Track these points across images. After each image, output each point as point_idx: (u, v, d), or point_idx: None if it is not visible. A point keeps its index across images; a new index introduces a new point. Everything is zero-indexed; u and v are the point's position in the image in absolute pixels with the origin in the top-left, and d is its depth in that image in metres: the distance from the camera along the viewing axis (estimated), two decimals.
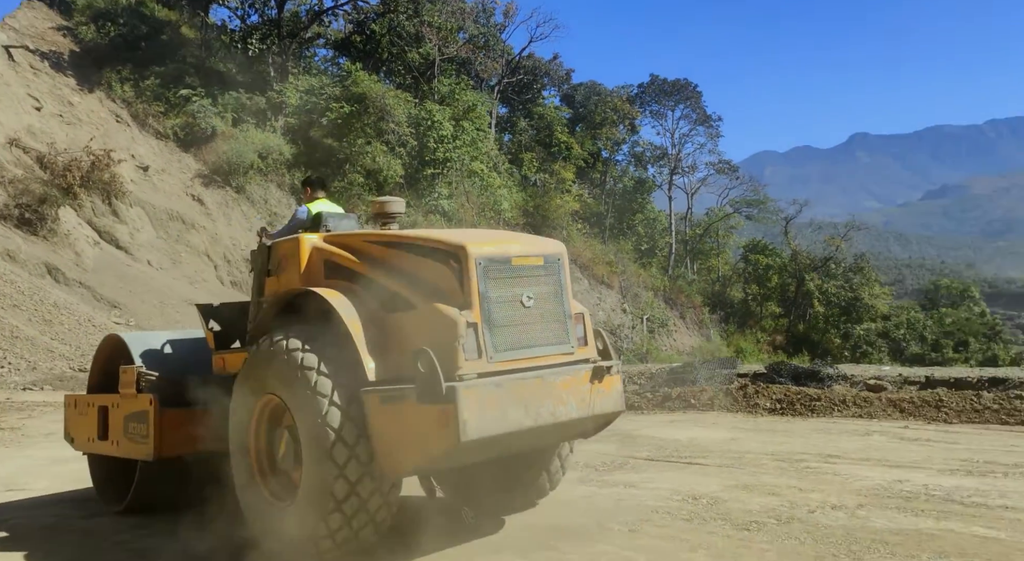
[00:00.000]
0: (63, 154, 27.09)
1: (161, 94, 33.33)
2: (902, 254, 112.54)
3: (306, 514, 4.37)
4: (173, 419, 5.50)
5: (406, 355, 4.34)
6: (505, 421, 4.25)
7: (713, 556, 4.61)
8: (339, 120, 34.17)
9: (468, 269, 4.44)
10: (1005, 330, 48.59)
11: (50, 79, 31.06)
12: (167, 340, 6.25)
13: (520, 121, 44.17)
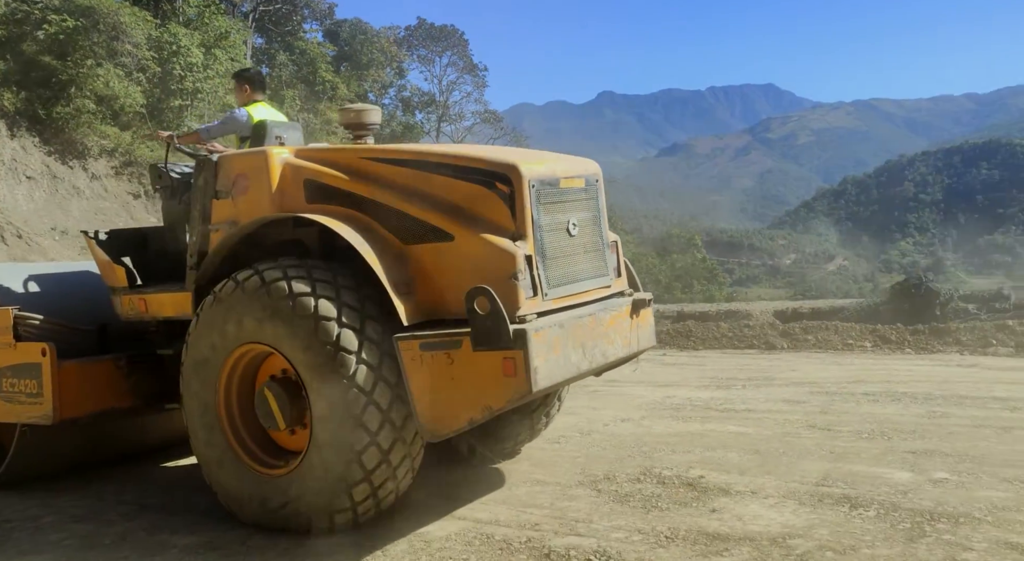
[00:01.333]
0: None
1: None
2: (641, 206, 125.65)
3: (320, 485, 3.82)
4: (76, 373, 4.67)
5: (439, 293, 3.85)
6: (567, 365, 3.84)
7: (534, 464, 5.43)
8: (61, 35, 29.70)
9: (521, 193, 3.87)
10: (720, 273, 57.00)
11: None
12: (29, 275, 5.25)
13: (279, 55, 41.59)
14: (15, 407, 4.76)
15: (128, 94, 31.53)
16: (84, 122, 31.47)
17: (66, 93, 31.32)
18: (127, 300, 4.79)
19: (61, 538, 3.84)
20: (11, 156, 31.41)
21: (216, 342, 4.12)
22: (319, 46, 43.14)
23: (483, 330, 3.55)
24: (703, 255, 51.64)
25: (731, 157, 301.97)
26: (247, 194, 4.38)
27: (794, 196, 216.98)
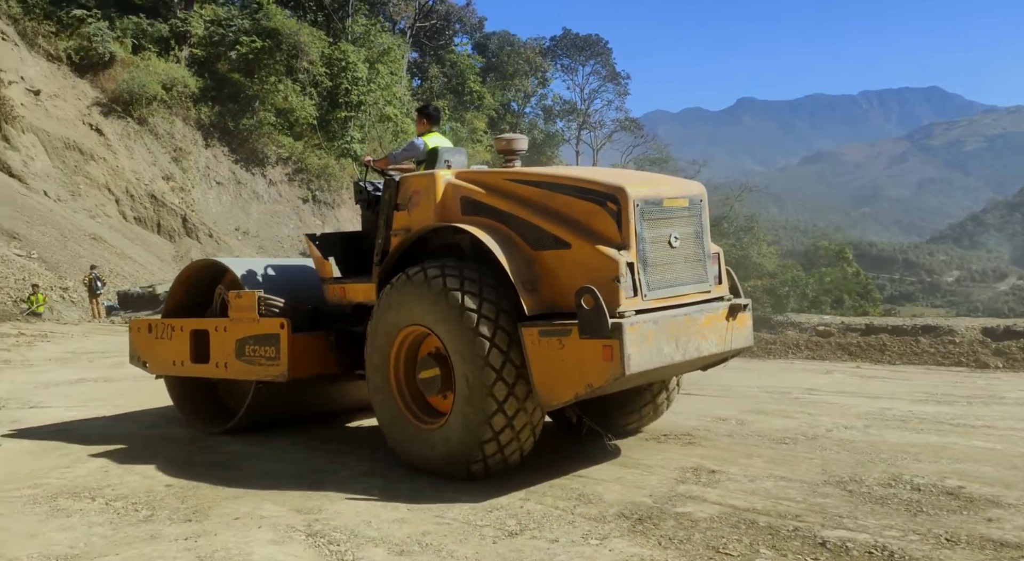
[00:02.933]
0: None
1: (52, 13, 31.24)
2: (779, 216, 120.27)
3: (460, 440, 4.71)
4: (302, 343, 5.68)
5: (558, 290, 4.60)
6: (660, 355, 4.53)
7: (768, 461, 5.21)
8: (250, 55, 33.26)
9: (626, 210, 4.58)
10: (873, 289, 53.61)
11: None
12: (267, 267, 6.41)
13: (432, 67, 44.14)
14: (254, 368, 5.80)
15: (303, 107, 34.78)
16: (265, 133, 35.04)
17: (251, 107, 35.03)
18: (333, 288, 5.79)
19: (279, 467, 5.16)
20: (205, 164, 35.51)
21: (390, 323, 5.06)
22: (468, 58, 45.43)
23: (587, 321, 4.30)
24: (856, 268, 49.01)
25: (884, 166, 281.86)
26: (419, 207, 5.28)
27: (958, 208, 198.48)
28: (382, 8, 40.54)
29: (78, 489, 4.88)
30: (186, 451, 5.79)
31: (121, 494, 4.77)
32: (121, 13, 32.22)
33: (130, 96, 31.02)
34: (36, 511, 4.47)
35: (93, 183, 29.40)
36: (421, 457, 4.97)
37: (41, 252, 23.47)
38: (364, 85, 35.77)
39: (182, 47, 33.73)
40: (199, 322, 6.38)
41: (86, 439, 6.18)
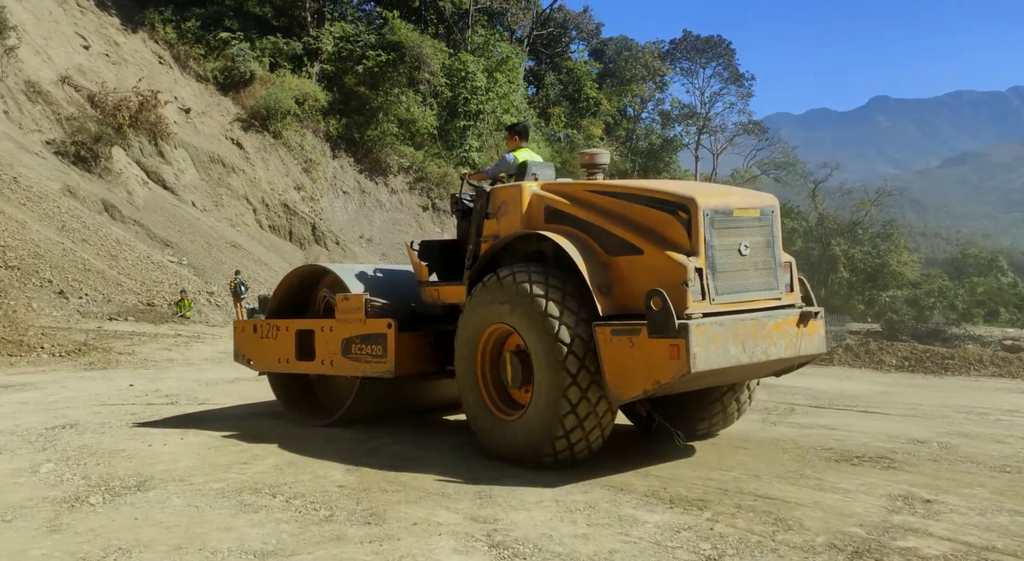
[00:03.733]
0: (112, 94, 27.61)
1: (201, 36, 33.60)
2: (917, 222, 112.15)
3: (536, 432, 5.05)
4: (406, 342, 6.03)
5: (630, 293, 4.90)
6: (726, 356, 4.76)
7: (995, 492, 4.71)
8: (375, 68, 34.49)
9: (696, 219, 4.85)
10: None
11: (96, 18, 31.35)
12: (365, 271, 6.84)
13: (548, 75, 44.27)
14: (360, 365, 6.19)
15: (424, 117, 35.75)
16: (387, 143, 36.25)
17: (375, 118, 36.36)
18: (429, 290, 6.25)
19: (445, 472, 5.09)
20: (332, 174, 37.16)
21: (478, 321, 5.46)
22: (585, 65, 45.28)
23: (656, 322, 4.59)
24: (1012, 278, 44.72)
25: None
26: (507, 216, 5.67)
27: None
28: (500, 18, 41.06)
29: (258, 485, 5.04)
30: (352, 453, 5.90)
31: (298, 492, 4.89)
32: (261, 34, 34.23)
33: (267, 111, 32.86)
34: (225, 505, 4.64)
35: (234, 194, 31.33)
36: (500, 445, 5.37)
37: (190, 259, 25.20)
38: (483, 94, 36.31)
39: (313, 63, 35.43)
40: (305, 322, 6.79)
41: (255, 436, 6.44)
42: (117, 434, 6.57)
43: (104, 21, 31.54)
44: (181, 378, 10.08)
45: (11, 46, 26.06)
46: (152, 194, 27.61)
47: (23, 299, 16.29)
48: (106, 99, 27.29)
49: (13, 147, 23.97)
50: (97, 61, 29.96)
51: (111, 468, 5.41)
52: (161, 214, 26.69)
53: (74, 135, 25.72)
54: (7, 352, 11.53)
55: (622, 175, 45.95)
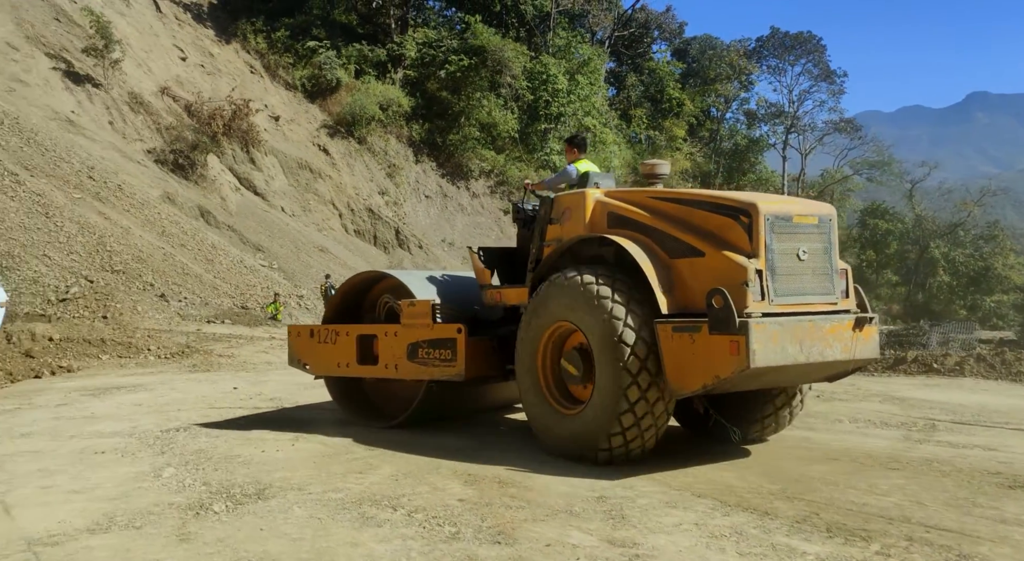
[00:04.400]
0: (207, 103, 28.66)
1: (290, 46, 34.56)
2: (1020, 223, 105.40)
3: (593, 428, 5.27)
4: (474, 346, 6.16)
5: (690, 294, 5.13)
6: (784, 354, 4.91)
7: None
8: (457, 73, 34.71)
9: (758, 224, 5.05)
10: None
11: (192, 30, 32.67)
12: (428, 277, 6.96)
13: (630, 76, 43.59)
14: (428, 369, 6.28)
15: (505, 121, 35.76)
16: (469, 147, 36.47)
17: (457, 123, 36.63)
18: (491, 293, 6.47)
19: (566, 486, 4.87)
20: (415, 179, 37.63)
21: (541, 319, 5.71)
22: (667, 65, 44.37)
23: (717, 319, 4.81)
24: None
25: None
26: (570, 221, 5.92)
27: None
28: (581, 20, 40.69)
29: (377, 497, 4.84)
30: (466, 463, 5.66)
31: (419, 506, 4.66)
32: (347, 42, 34.96)
33: (352, 118, 33.50)
34: (347, 517, 4.45)
35: (320, 199, 32.03)
36: (559, 441, 5.61)
37: (280, 263, 25.83)
38: (564, 97, 36.03)
39: (397, 69, 35.94)
40: (366, 327, 6.94)
41: (365, 443, 6.30)
42: (230, 438, 6.54)
43: (200, 33, 32.84)
44: (281, 381, 10.13)
45: (116, 59, 27.40)
46: (244, 200, 28.50)
47: (128, 302, 16.95)
48: (202, 108, 28.36)
49: (118, 156, 25.15)
50: (193, 72, 31.20)
51: (229, 474, 5.34)
52: (252, 219, 27.50)
53: (172, 143, 26.80)
54: (117, 354, 11.91)
55: (705, 176, 44.76)
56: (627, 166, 39.88)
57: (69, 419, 7.44)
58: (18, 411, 7.89)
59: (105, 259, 19.21)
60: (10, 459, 5.75)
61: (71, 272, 17.74)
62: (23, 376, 10.06)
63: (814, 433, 6.86)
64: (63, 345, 11.73)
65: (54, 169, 21.43)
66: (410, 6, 37.62)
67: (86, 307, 15.78)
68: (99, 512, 4.47)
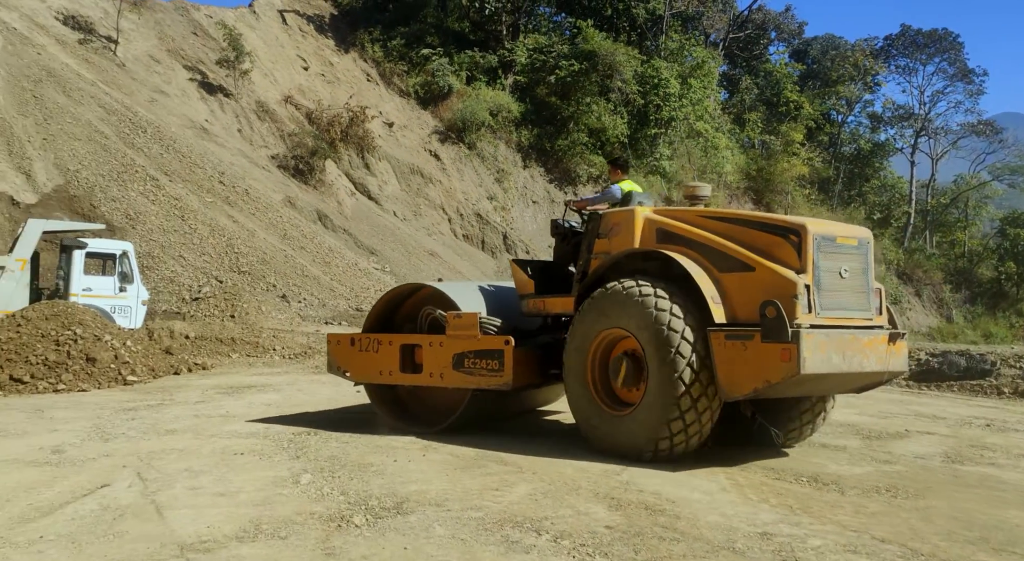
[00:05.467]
0: (326, 111, 29.69)
1: (405, 54, 35.35)
2: None
3: (644, 429, 5.66)
4: (521, 356, 6.42)
5: (738, 305, 5.53)
6: (829, 363, 5.36)
7: None
8: (567, 78, 34.47)
9: (807, 243, 5.51)
10: None
11: (314, 41, 34.01)
12: (469, 288, 7.28)
13: (744, 79, 42.03)
14: (474, 378, 6.49)
15: (614, 126, 35.23)
16: (577, 152, 36.12)
17: (565, 128, 36.39)
18: (533, 303, 6.79)
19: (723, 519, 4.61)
20: (523, 184, 37.67)
21: (590, 328, 6.06)
22: (785, 66, 42.47)
23: (770, 329, 5.22)
24: None
25: None
26: (619, 236, 6.26)
27: None
28: (695, 22, 39.59)
29: (518, 518, 4.59)
30: (607, 484, 5.33)
31: (564, 531, 4.37)
32: (459, 49, 35.43)
33: (463, 123, 33.86)
34: (491, 540, 4.22)
35: (431, 204, 32.53)
36: (606, 439, 5.96)
37: (392, 266, 26.35)
38: (675, 101, 35.11)
39: (507, 75, 36.10)
40: (410, 337, 7.13)
41: (497, 455, 6.08)
42: (360, 444, 6.49)
43: (321, 43, 34.13)
44: None
45: (245, 70, 28.84)
46: (358, 204, 29.32)
47: (254, 302, 17.65)
48: (321, 116, 29.40)
49: (245, 162, 26.43)
50: (314, 81, 32.45)
51: (365, 484, 5.23)
52: (366, 223, 28.23)
53: (294, 150, 27.90)
54: (246, 353, 12.33)
55: (824, 182, 42.57)
56: (740, 172, 38.48)
57: (207, 417, 7.64)
58: (161, 407, 8.20)
59: (233, 260, 20.14)
60: (159, 456, 5.89)
61: (203, 272, 18.69)
62: (164, 372, 10.54)
63: (999, 471, 6.12)
64: (198, 343, 12.26)
65: (189, 174, 22.71)
66: (522, 12, 37.73)
67: (216, 306, 16.54)
68: (245, 518, 4.44)
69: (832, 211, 39.94)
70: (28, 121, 20.93)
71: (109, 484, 5.11)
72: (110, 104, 23.41)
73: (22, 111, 21.12)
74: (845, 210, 41.18)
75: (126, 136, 22.56)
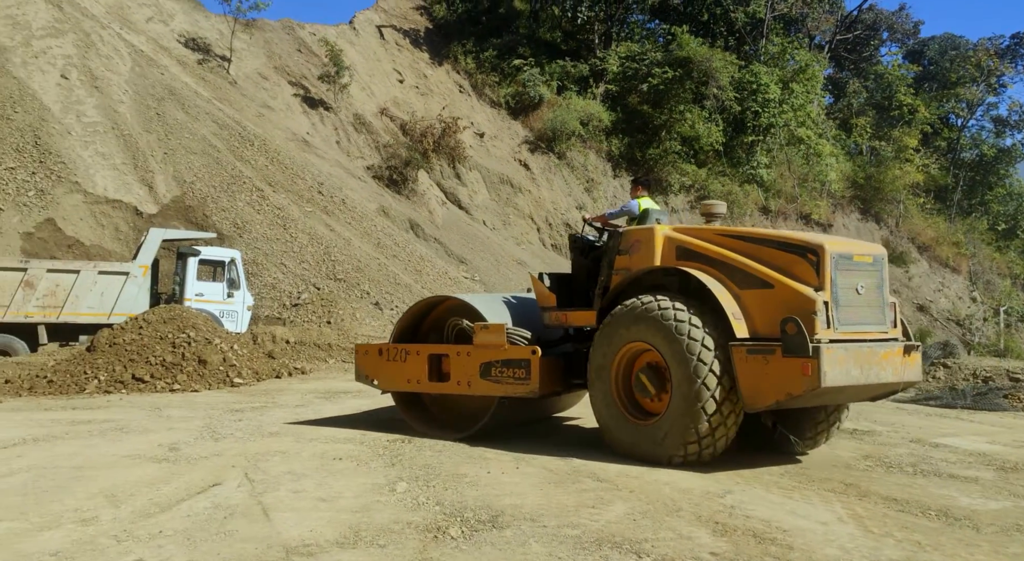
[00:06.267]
0: (420, 122, 30.35)
1: (497, 65, 35.75)
2: None
3: (670, 437, 5.90)
4: (546, 365, 6.66)
5: (758, 320, 5.75)
6: (848, 375, 5.60)
7: None
8: (660, 86, 33.96)
9: (824, 261, 5.72)
10: None
11: (410, 54, 34.90)
12: (493, 300, 7.58)
13: (852, 82, 40.15)
14: (502, 386, 6.70)
15: (709, 134, 34.41)
16: (669, 161, 35.49)
17: (657, 136, 35.83)
18: (555, 315, 7.03)
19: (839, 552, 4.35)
20: (613, 193, 37.33)
21: (615, 341, 6.27)
22: (899, 68, 40.25)
23: (791, 344, 5.44)
24: None
25: None
26: (639, 253, 6.45)
27: None
28: (798, 25, 38.19)
29: (617, 539, 4.46)
30: (707, 506, 5.12)
31: (664, 555, 4.22)
32: (550, 58, 35.53)
33: (553, 133, 33.90)
34: (589, 560, 4.12)
35: (520, 213, 32.68)
36: (632, 446, 6.19)
37: (481, 275, 26.59)
38: (775, 107, 33.96)
39: (598, 84, 35.91)
40: (437, 347, 7.35)
41: (591, 470, 5.96)
42: (453, 454, 6.51)
43: (416, 57, 34.98)
44: None
45: (344, 84, 29.88)
46: (449, 213, 29.78)
47: (348, 309, 18.16)
48: (415, 127, 30.08)
49: (343, 173, 27.34)
50: (409, 93, 33.27)
51: (460, 495, 5.23)
52: (456, 232, 28.62)
53: (388, 160, 28.65)
54: (341, 358, 12.66)
55: (941, 190, 40.11)
56: (846, 180, 36.78)
57: (307, 421, 7.87)
58: (265, 409, 8.53)
59: (330, 268, 20.83)
60: (264, 458, 6.10)
61: (302, 279, 19.39)
62: (267, 375, 10.98)
63: None
64: (297, 347, 12.70)
65: (291, 185, 23.68)
66: (614, 21, 37.50)
67: (313, 312, 17.12)
68: (345, 524, 4.51)
69: (950, 221, 37.55)
70: (152, 137, 22.38)
71: (220, 483, 5.32)
72: (222, 119, 24.73)
73: (146, 127, 22.61)
74: (964, 220, 38.59)
75: (236, 149, 23.76)
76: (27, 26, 23.16)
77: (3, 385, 10.41)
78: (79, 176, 20.00)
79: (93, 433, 7.09)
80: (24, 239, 18.36)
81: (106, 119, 22.01)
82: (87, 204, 19.68)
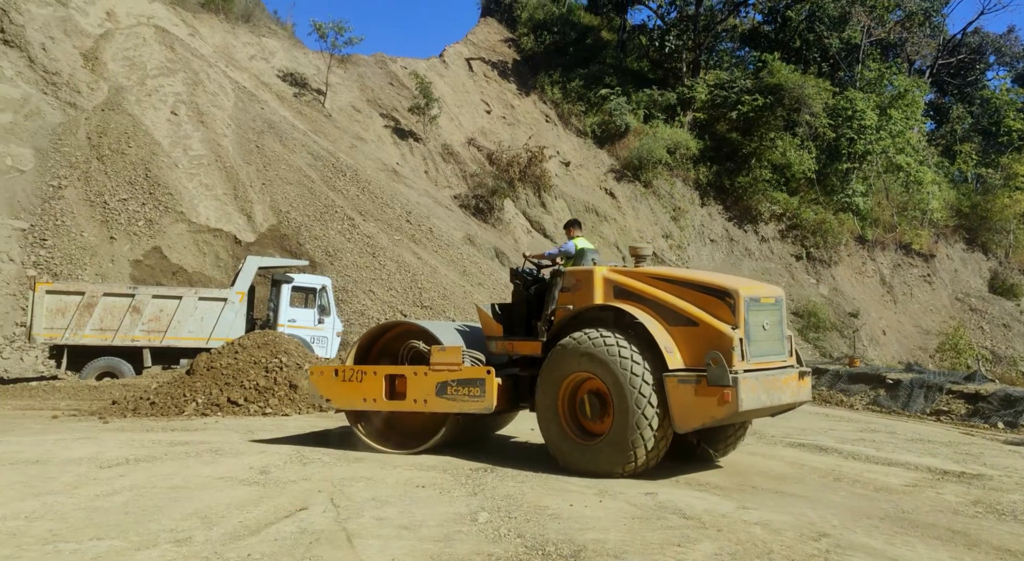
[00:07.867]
0: (506, 152, 30.79)
1: (583, 94, 35.96)
2: None
3: (613, 454, 6.64)
4: (499, 385, 7.19)
5: (684, 354, 6.57)
6: (759, 400, 6.54)
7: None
8: (750, 113, 33.29)
9: (739, 303, 6.61)
10: None
11: (497, 85, 35.59)
12: (444, 326, 8.13)
13: (956, 108, 38.26)
14: (456, 403, 7.27)
15: (801, 161, 33.39)
16: (759, 190, 34.61)
17: (747, 164, 35.04)
18: (501, 344, 7.60)
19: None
20: (700, 222, 36.69)
21: (561, 370, 6.99)
22: (1007, 92, 38.14)
23: (715, 375, 6.34)
24: None
25: None
26: (581, 291, 7.19)
27: None
28: (897, 49, 36.79)
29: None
30: (803, 552, 4.85)
31: None
32: (637, 88, 35.47)
33: (639, 162, 33.69)
34: None
35: (605, 241, 32.47)
36: (576, 463, 6.86)
37: None
38: (872, 133, 32.65)
39: (686, 113, 35.53)
40: (394, 368, 7.77)
41: (675, 505, 5.76)
42: (535, 485, 6.43)
43: (503, 88, 35.63)
44: None
45: (434, 115, 30.71)
46: (534, 241, 29.90)
47: None
48: (501, 157, 30.53)
49: (430, 202, 27.97)
50: (496, 123, 33.85)
51: (541, 528, 5.14)
52: None
53: (475, 189, 29.13)
54: None
55: None
56: (950, 208, 34.85)
57: None
58: (350, 435, 8.68)
59: (416, 295, 21.23)
60: (348, 483, 6.20)
61: (390, 306, 19.83)
62: None
63: None
64: None
65: (381, 214, 24.39)
66: (703, 49, 37.15)
67: None
68: (427, 554, 4.50)
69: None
70: (251, 168, 23.60)
71: (307, 508, 5.43)
72: (317, 151, 25.83)
73: (247, 159, 23.86)
74: None
75: (329, 180, 24.73)
76: (142, 66, 24.97)
77: (110, 406, 11.04)
78: (184, 206, 21.25)
79: (190, 455, 7.39)
80: (133, 266, 19.60)
81: (210, 152, 23.37)
82: (191, 233, 20.85)
